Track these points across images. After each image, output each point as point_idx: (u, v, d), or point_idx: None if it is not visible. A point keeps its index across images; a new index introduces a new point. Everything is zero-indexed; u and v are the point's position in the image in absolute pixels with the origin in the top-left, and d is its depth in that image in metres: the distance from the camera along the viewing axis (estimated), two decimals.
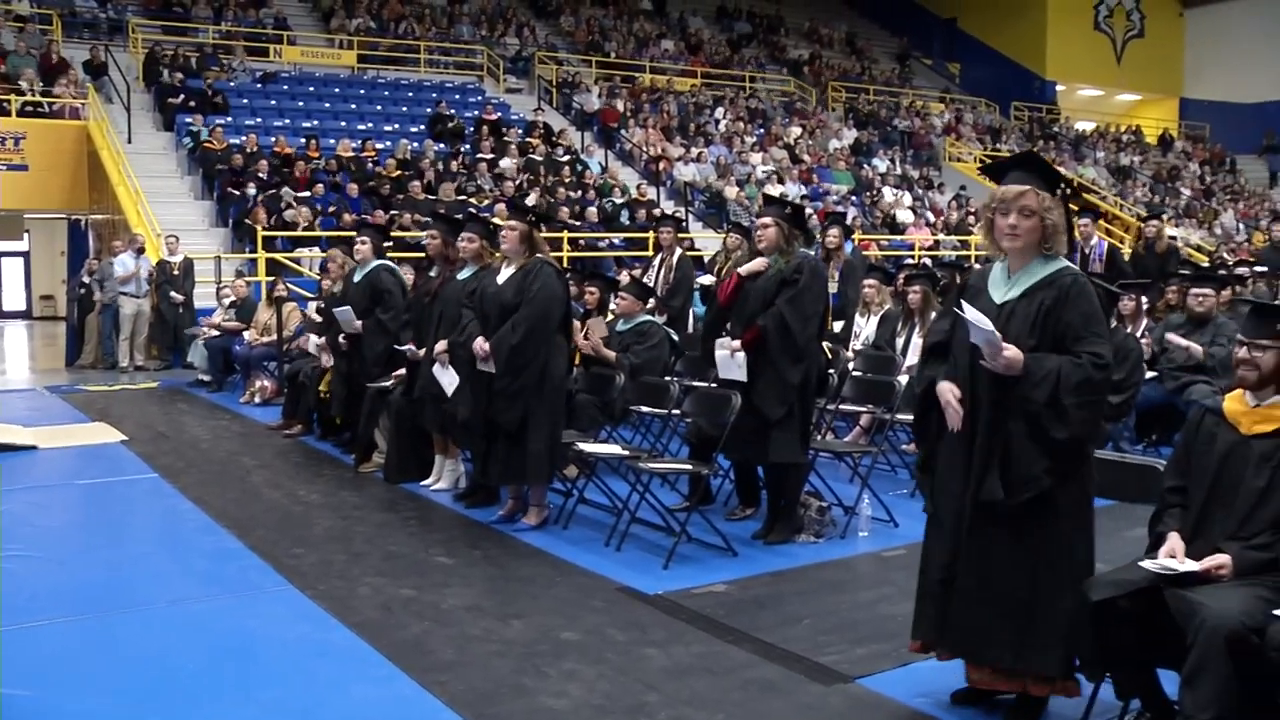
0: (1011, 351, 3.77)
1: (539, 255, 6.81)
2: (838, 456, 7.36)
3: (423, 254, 8.33)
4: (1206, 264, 14.75)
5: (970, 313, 3.81)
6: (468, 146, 20.99)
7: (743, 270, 6.47)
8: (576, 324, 7.85)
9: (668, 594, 5.52)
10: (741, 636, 4.93)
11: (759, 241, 6.49)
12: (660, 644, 4.83)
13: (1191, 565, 3.61)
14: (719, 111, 25.62)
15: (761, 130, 25.40)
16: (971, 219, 21.70)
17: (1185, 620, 3.45)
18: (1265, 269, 11.70)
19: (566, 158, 21.26)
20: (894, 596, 5.28)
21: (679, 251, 10.99)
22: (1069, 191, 3.93)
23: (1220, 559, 3.60)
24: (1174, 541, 3.75)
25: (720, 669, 4.57)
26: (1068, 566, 3.85)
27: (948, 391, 3.94)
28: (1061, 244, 3.91)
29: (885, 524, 6.79)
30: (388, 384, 8.17)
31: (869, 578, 5.93)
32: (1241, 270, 12.00)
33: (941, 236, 21.90)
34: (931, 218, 23.14)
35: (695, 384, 7.87)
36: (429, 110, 22.35)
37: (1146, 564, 3.70)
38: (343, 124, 21.50)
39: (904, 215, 22.95)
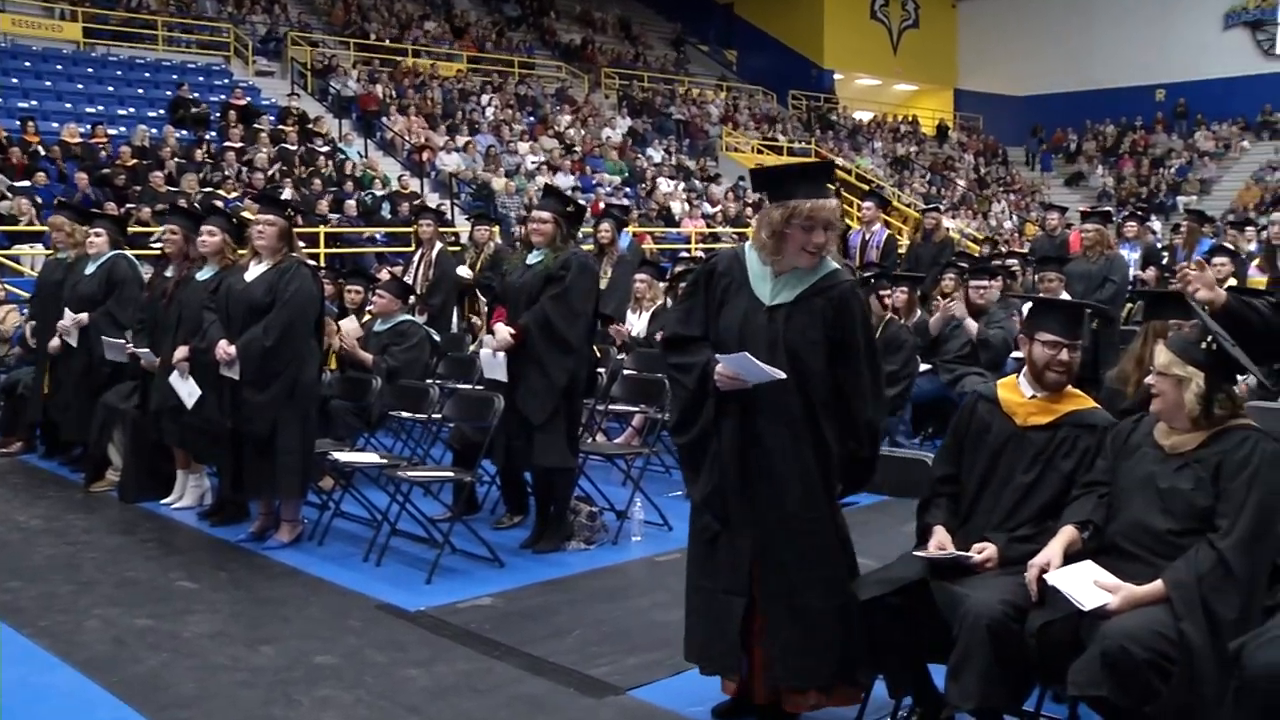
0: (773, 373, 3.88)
1: (295, 253, 6.69)
2: (609, 459, 7.50)
3: (160, 251, 8.03)
4: (979, 255, 15.62)
5: (753, 365, 3.88)
6: (214, 134, 20.27)
7: None
8: (330, 325, 7.72)
9: (431, 610, 5.52)
10: (508, 651, 4.98)
11: (534, 236, 6.54)
12: (423, 663, 4.82)
13: (958, 551, 3.85)
14: (486, 98, 25.53)
15: (531, 118, 25.47)
16: (750, 211, 22.34)
17: (950, 612, 3.67)
18: (1034, 259, 12.45)
19: (323, 147, 20.80)
20: (668, 603, 5.38)
21: (440, 246, 10.94)
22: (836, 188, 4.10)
23: (988, 550, 3.86)
24: (940, 535, 3.98)
25: (486, 687, 4.60)
26: (836, 570, 4.01)
27: None
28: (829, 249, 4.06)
29: (659, 527, 6.95)
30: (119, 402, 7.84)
31: (642, 584, 6.07)
32: (1012, 262, 12.75)
33: (720, 229, 22.47)
34: (709, 209, 23.71)
35: (458, 386, 7.86)
36: (169, 93, 21.46)
37: (920, 552, 3.93)
38: (67, 105, 20.40)
39: (679, 207, 23.44)
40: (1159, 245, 15.36)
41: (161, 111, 20.89)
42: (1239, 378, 3.76)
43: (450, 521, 6.42)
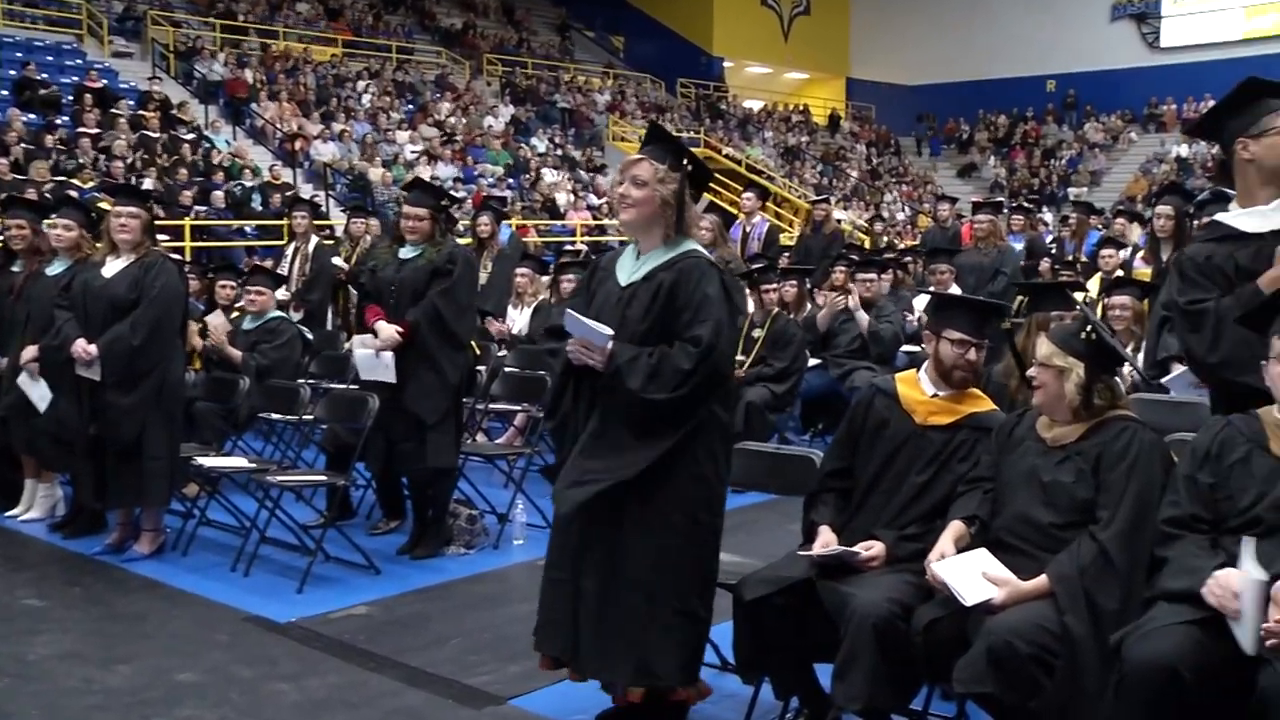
0: (602, 349, 3.88)
1: (156, 248, 6.56)
2: (489, 460, 7.47)
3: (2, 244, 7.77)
4: (867, 247, 15.88)
5: (581, 323, 3.92)
6: (66, 118, 19.66)
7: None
8: (191, 325, 7.56)
9: (302, 621, 5.45)
10: (384, 663, 4.94)
11: (409, 233, 6.49)
12: (292, 677, 4.76)
13: (849, 549, 3.90)
14: (363, 85, 25.23)
15: (410, 106, 25.23)
16: None
17: (837, 612, 3.73)
18: (926, 251, 12.68)
19: (188, 134, 20.33)
20: None
21: (315, 240, 10.80)
22: (693, 170, 4.10)
23: (876, 548, 3.92)
24: (825, 535, 4.03)
25: (360, 700, 4.56)
26: (686, 566, 3.97)
27: None
28: (679, 223, 4.04)
29: (542, 530, 6.91)
30: None
31: (524, 589, 6.01)
32: (906, 258, 12.98)
33: (606, 221, 22.51)
34: (595, 200, 23.74)
35: (332, 386, 7.77)
36: (14, 73, 20.76)
37: (805, 551, 3.97)
38: None
39: (564, 198, 23.43)
40: (1048, 237, 15.78)
41: (5, 93, 20.20)
42: (1120, 369, 3.88)
43: (323, 527, 6.34)
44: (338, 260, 10.96)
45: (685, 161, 4.08)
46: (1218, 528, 3.33)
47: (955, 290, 8.95)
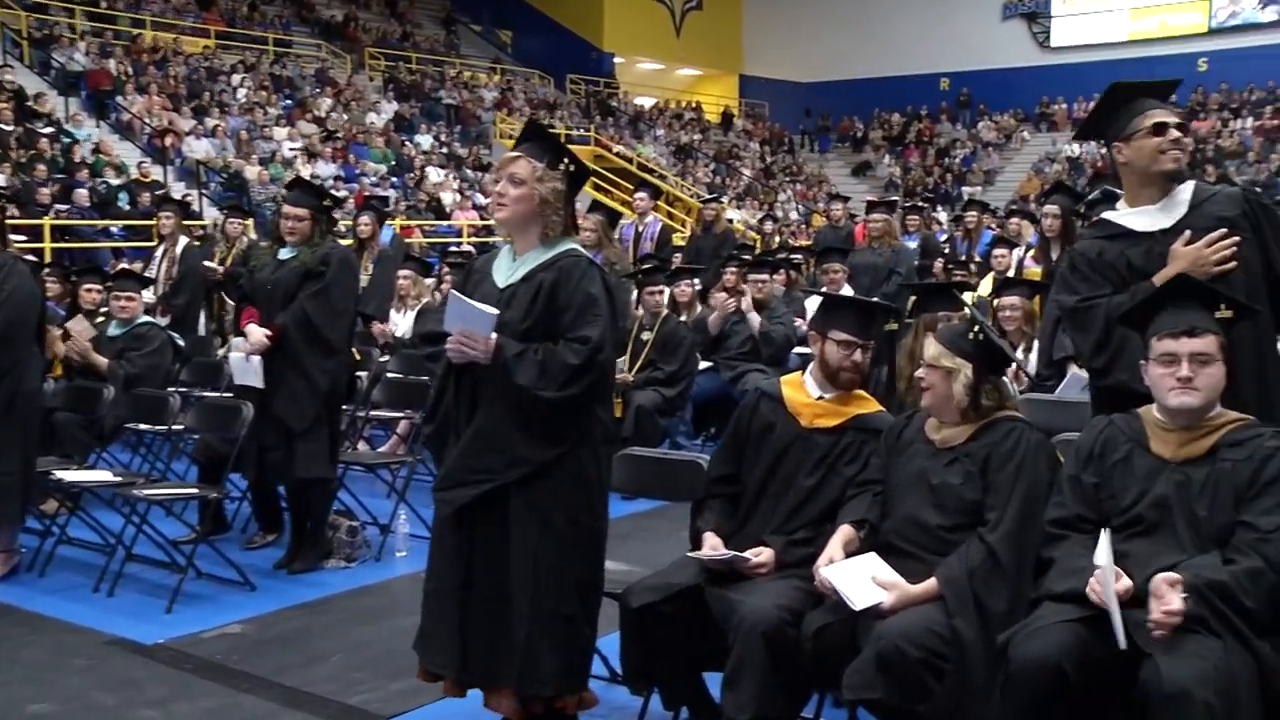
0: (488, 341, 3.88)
1: (9, 249, 6.40)
2: (371, 469, 7.39)
3: None
4: (758, 247, 16.03)
5: (464, 304, 3.91)
6: None
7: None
8: (52, 331, 7.36)
9: (171, 642, 5.35)
10: (260, 683, 4.86)
11: (288, 233, 6.41)
12: (159, 703, 4.66)
13: (738, 554, 3.93)
14: (238, 78, 24.79)
15: (288, 101, 24.86)
16: None
17: (725, 620, 3.77)
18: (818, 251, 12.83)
19: (46, 128, 19.78)
20: None
21: (185, 241, 10.59)
22: (572, 169, 4.11)
23: (764, 554, 3.96)
24: (711, 540, 4.07)
25: None
26: (566, 570, 3.97)
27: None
28: (557, 225, 4.05)
29: (426, 540, 6.84)
30: None
31: (407, 602, 5.93)
32: (796, 256, 13.12)
33: (494, 221, 22.42)
34: (482, 200, 23.63)
35: (204, 394, 7.62)
36: None
37: (694, 554, 4.01)
38: None
39: (450, 198, 23.29)
40: (942, 237, 16.08)
41: None
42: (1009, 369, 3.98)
43: (194, 543, 6.22)
44: (210, 262, 10.76)
45: (565, 160, 4.09)
46: (1102, 527, 3.43)
47: (847, 291, 9.07)
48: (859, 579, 3.61)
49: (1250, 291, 3.72)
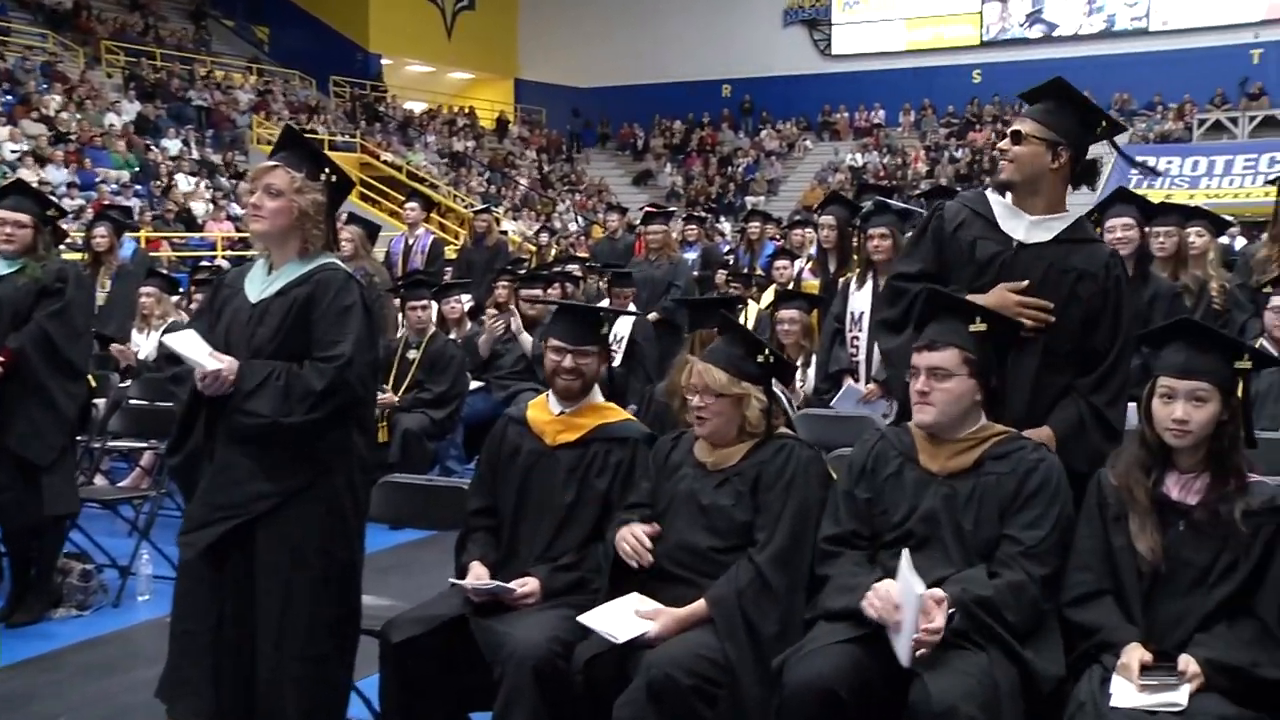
0: (226, 365, 3.82)
1: None
2: (108, 506, 7.11)
3: None
4: (533, 261, 16.02)
5: (181, 344, 3.84)
6: None
7: None
8: None
9: None
10: None
11: (5, 242, 6.10)
12: None
13: (502, 584, 3.95)
14: None
15: (9, 97, 23.73)
16: None
17: (493, 653, 3.77)
18: (598, 265, 12.91)
19: None
20: None
21: None
22: (334, 179, 4.07)
23: (530, 584, 3.98)
24: (477, 569, 4.09)
25: None
26: (319, 607, 3.93)
27: None
28: (318, 239, 4.02)
29: (172, 581, 6.64)
30: None
31: (150, 651, 5.72)
32: (573, 268, 13.17)
33: (249, 234, 21.90)
34: (238, 210, 23.04)
35: None
36: None
37: (456, 580, 4.02)
38: None
39: (202, 208, 22.67)
40: (725, 248, 16.42)
41: None
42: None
43: None
44: None
45: (326, 170, 4.05)
46: (874, 543, 3.57)
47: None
48: (620, 616, 3.68)
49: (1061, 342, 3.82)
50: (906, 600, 3.19)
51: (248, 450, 3.87)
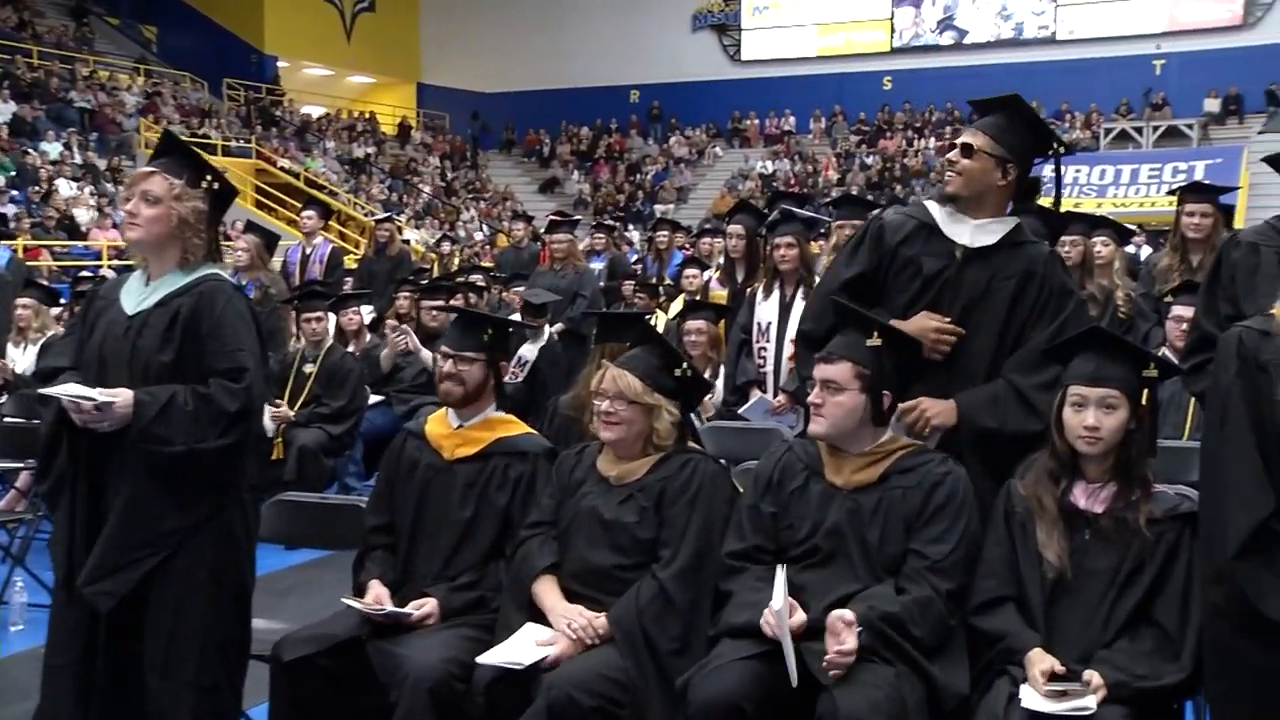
0: (121, 398, 3.70)
1: None
2: None
3: None
4: (435, 270, 15.94)
5: (66, 393, 3.71)
6: None
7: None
8: None
9: None
10: None
11: None
12: None
13: (395, 608, 3.92)
14: None
15: None
16: None
17: (389, 676, 3.75)
18: (502, 275, 12.90)
19: None
20: None
21: None
22: (216, 186, 4.01)
23: (428, 605, 3.94)
24: (376, 590, 4.04)
25: None
26: (208, 633, 3.85)
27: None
28: (198, 248, 3.94)
29: (48, 609, 6.51)
30: None
31: (23, 684, 5.57)
32: (476, 278, 13.13)
33: (124, 242, 21.55)
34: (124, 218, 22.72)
35: None
36: None
37: (350, 601, 3.98)
38: None
39: (86, 215, 22.27)
40: (633, 257, 16.44)
41: None
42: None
43: None
44: None
45: (207, 177, 3.98)
46: (780, 558, 3.58)
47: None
48: (520, 646, 3.68)
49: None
50: (780, 618, 3.25)
51: (158, 484, 3.77)
